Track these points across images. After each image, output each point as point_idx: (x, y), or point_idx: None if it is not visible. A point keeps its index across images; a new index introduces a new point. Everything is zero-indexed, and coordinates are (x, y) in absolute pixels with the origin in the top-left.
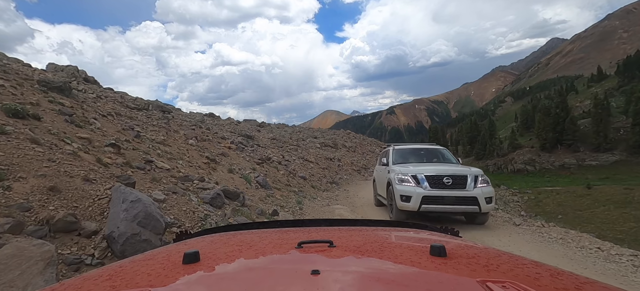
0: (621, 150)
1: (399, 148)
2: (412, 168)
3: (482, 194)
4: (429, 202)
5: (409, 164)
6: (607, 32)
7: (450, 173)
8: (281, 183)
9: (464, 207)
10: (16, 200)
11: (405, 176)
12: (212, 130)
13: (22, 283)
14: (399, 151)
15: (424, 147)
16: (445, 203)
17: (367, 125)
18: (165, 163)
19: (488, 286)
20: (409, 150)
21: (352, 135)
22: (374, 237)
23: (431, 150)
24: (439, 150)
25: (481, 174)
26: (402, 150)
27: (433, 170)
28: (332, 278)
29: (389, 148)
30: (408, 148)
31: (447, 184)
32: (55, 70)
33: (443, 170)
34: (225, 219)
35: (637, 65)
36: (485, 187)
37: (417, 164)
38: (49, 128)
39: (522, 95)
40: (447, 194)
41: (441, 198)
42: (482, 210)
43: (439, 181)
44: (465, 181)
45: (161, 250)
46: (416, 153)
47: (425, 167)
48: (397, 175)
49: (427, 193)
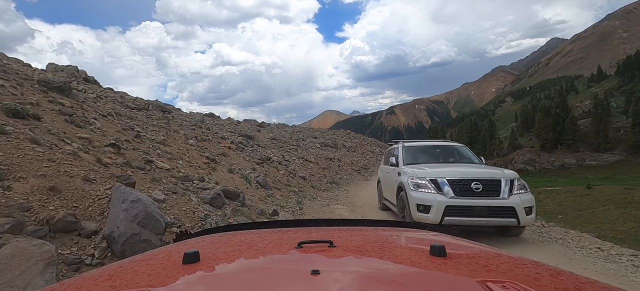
0: (621, 150)
1: (409, 146)
2: (429, 170)
3: (520, 203)
4: (454, 214)
5: (424, 165)
6: (607, 32)
7: (479, 177)
8: (281, 183)
9: (499, 219)
10: (16, 200)
11: (422, 180)
12: (212, 130)
13: (22, 283)
14: (409, 149)
15: (439, 144)
16: (475, 214)
17: (367, 125)
18: (165, 163)
19: (488, 286)
20: (421, 147)
21: (352, 135)
22: (374, 237)
23: (448, 147)
24: (457, 148)
25: (517, 177)
26: (414, 148)
27: (457, 173)
28: (332, 278)
29: (396, 145)
30: (420, 145)
31: (477, 191)
32: (55, 70)
33: (470, 172)
34: (225, 219)
35: (637, 65)
36: (523, 194)
37: (434, 165)
38: (49, 128)
39: (522, 95)
40: (476, 203)
41: (469, 209)
42: (521, 222)
43: (466, 187)
44: (499, 186)
45: (161, 250)
46: (430, 151)
47: (446, 168)
48: (410, 178)
49: (451, 203)
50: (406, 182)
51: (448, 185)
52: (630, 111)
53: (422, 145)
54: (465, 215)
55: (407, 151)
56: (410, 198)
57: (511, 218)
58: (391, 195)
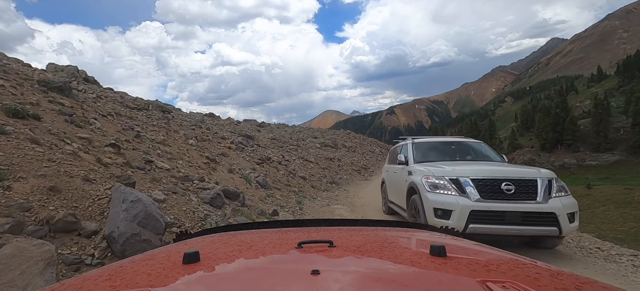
0: (621, 150)
1: (420, 143)
2: (448, 168)
3: (562, 208)
4: (480, 220)
5: (440, 163)
6: (607, 32)
7: (511, 176)
8: (281, 183)
9: (536, 228)
10: (16, 200)
11: (440, 180)
12: (212, 130)
13: (22, 283)
14: (420, 146)
15: (454, 140)
16: (507, 222)
17: (367, 125)
18: (165, 163)
19: (488, 286)
20: (433, 144)
21: (352, 135)
22: (374, 237)
23: (464, 144)
24: (474, 145)
25: (555, 178)
26: (425, 145)
27: (484, 171)
28: (332, 278)
29: (404, 142)
30: (433, 142)
31: (508, 192)
32: (55, 70)
33: (498, 171)
34: (225, 219)
35: (637, 65)
36: (565, 197)
37: (452, 163)
38: (49, 128)
39: (522, 95)
40: (509, 208)
41: (500, 215)
42: (564, 232)
43: (495, 188)
44: (535, 188)
45: (161, 250)
46: (444, 148)
47: (468, 166)
48: (425, 178)
49: (477, 207)
50: (420, 182)
51: (472, 185)
52: (630, 111)
53: (434, 142)
54: (495, 223)
55: (417, 148)
56: (425, 201)
57: (551, 227)
58: (399, 198)
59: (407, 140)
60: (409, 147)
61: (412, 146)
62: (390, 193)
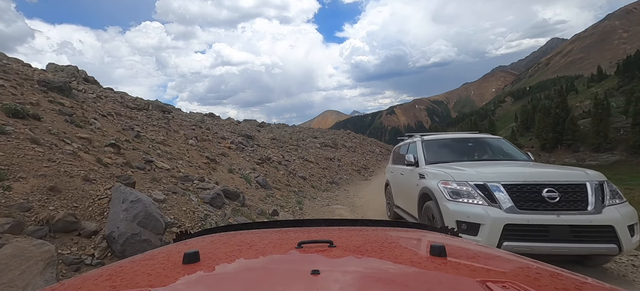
0: (621, 150)
1: (431, 140)
2: (470, 170)
3: (621, 220)
4: (517, 236)
5: (458, 164)
6: (607, 32)
7: (553, 180)
8: (281, 183)
9: (590, 245)
10: (16, 200)
11: (463, 185)
12: (212, 130)
13: (22, 283)
14: (432, 144)
15: (471, 137)
16: (552, 238)
17: (367, 125)
18: (165, 163)
19: (488, 286)
20: (447, 142)
21: (352, 135)
22: (374, 237)
23: (483, 141)
24: (491, 142)
25: (606, 180)
26: (437, 143)
27: (519, 174)
28: (332, 278)
29: (412, 140)
30: (446, 139)
31: (551, 201)
32: (55, 70)
33: (537, 173)
34: (225, 219)
35: (637, 65)
36: (621, 206)
37: (472, 164)
38: (49, 128)
39: (522, 95)
40: (554, 221)
41: (543, 230)
42: (624, 248)
43: (534, 195)
44: (584, 194)
45: (161, 250)
46: (460, 146)
47: (495, 167)
48: (444, 183)
49: (513, 219)
50: (436, 188)
51: (504, 192)
52: (630, 111)
53: (447, 139)
54: (536, 239)
55: (428, 146)
56: (445, 211)
57: (609, 244)
58: (408, 203)
59: (415, 137)
60: (418, 145)
61: (422, 144)
62: (397, 197)
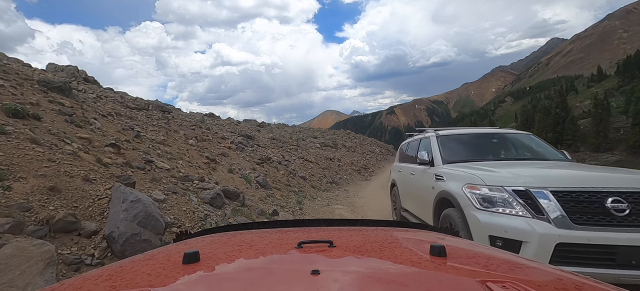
0: (621, 150)
1: (448, 136)
2: (504, 171)
3: None
4: (574, 259)
5: (484, 164)
6: (607, 32)
7: (622, 187)
8: (281, 183)
9: None
10: (16, 200)
11: (497, 191)
12: (212, 130)
13: (22, 283)
14: (449, 140)
15: (495, 132)
16: (622, 263)
17: (367, 125)
18: (165, 163)
19: (488, 286)
20: (467, 138)
21: (352, 135)
22: (374, 237)
23: (510, 138)
24: (521, 139)
25: None
26: (455, 139)
27: (573, 177)
28: (332, 278)
29: (424, 136)
30: (465, 134)
31: (619, 213)
32: (55, 70)
33: (598, 178)
34: (225, 219)
35: (637, 65)
36: None
37: (503, 164)
38: (49, 128)
39: (522, 95)
40: (623, 240)
41: (609, 253)
42: None
43: (596, 205)
44: None
45: (161, 250)
46: (483, 144)
47: (536, 169)
48: (471, 187)
49: (567, 237)
50: (461, 193)
51: (554, 200)
52: (630, 111)
53: (468, 134)
54: (601, 264)
55: (445, 143)
56: (474, 222)
57: None
58: (420, 208)
59: (428, 132)
60: (433, 141)
61: (438, 140)
62: (405, 199)
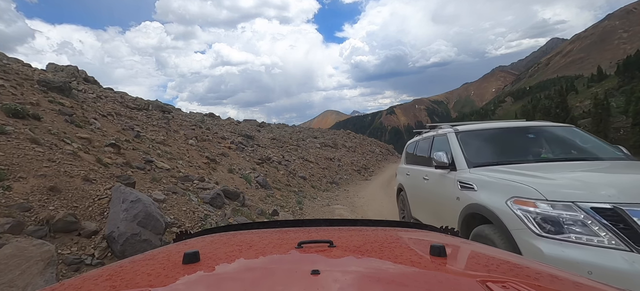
0: None
1: (470, 132)
2: (568, 179)
3: None
4: None
5: (523, 167)
6: (607, 32)
7: None
8: (281, 183)
9: None
10: (16, 200)
11: (565, 210)
12: (212, 130)
13: (22, 283)
14: (472, 137)
15: (530, 126)
16: None
17: (367, 125)
18: (165, 163)
19: (488, 286)
20: (495, 133)
21: (352, 135)
22: (374, 237)
23: (549, 131)
24: (560, 134)
25: None
26: (481, 136)
27: None
28: (332, 278)
29: (439, 132)
30: (492, 129)
31: None
32: (55, 70)
33: None
34: (225, 219)
35: (637, 65)
36: None
37: (553, 167)
38: (49, 128)
39: (522, 95)
40: None
41: None
42: None
43: None
44: None
45: (161, 250)
46: (517, 140)
47: (613, 174)
48: (522, 203)
49: None
50: (506, 209)
51: None
52: (630, 111)
53: (495, 129)
54: None
55: (468, 141)
56: (534, 253)
57: None
58: (440, 221)
59: (444, 128)
60: (452, 139)
61: (458, 138)
62: (417, 208)
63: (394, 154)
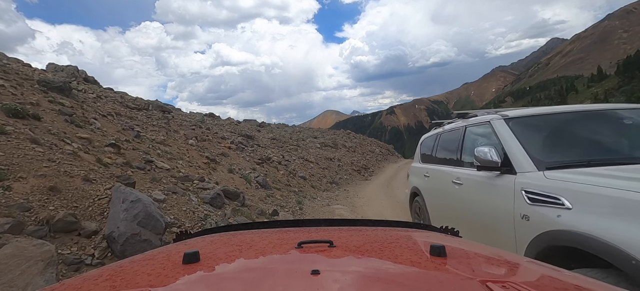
0: None
1: (529, 119)
2: None
3: None
4: None
5: (628, 169)
6: (607, 32)
7: None
8: (281, 183)
9: None
10: (16, 200)
11: None
12: (212, 130)
13: (22, 283)
14: (534, 127)
15: (622, 108)
16: None
17: (367, 125)
18: (165, 163)
19: (488, 286)
20: (570, 118)
21: (352, 135)
22: (374, 237)
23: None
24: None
25: None
26: (549, 125)
27: None
28: (332, 278)
29: (475, 122)
30: (566, 114)
31: None
32: (55, 70)
33: None
34: (225, 219)
35: (637, 65)
36: None
37: None
38: (49, 128)
39: (522, 95)
40: None
41: None
42: None
43: None
44: None
45: (161, 250)
46: (606, 129)
47: None
48: None
49: None
50: None
51: None
52: None
53: (571, 114)
54: None
55: (527, 132)
56: None
57: None
58: (486, 243)
59: (484, 115)
60: (501, 129)
61: (510, 127)
62: (444, 221)
63: (394, 154)
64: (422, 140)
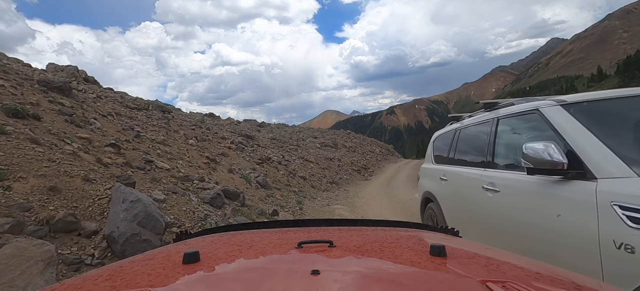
0: None
1: (603, 103)
2: None
3: None
4: None
5: None
6: (607, 32)
7: None
8: (281, 183)
9: None
10: (16, 200)
11: None
12: (212, 130)
13: (22, 283)
14: (614, 115)
15: None
16: None
17: (367, 125)
18: (165, 163)
19: (488, 286)
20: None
21: (352, 135)
22: (374, 237)
23: None
24: None
25: None
26: (629, 106)
27: None
28: (332, 278)
29: (513, 111)
30: None
31: None
32: (55, 70)
33: None
34: (225, 219)
35: (637, 65)
36: None
37: None
38: (49, 128)
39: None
40: None
41: None
42: None
43: None
44: None
45: (161, 250)
46: None
47: None
48: None
49: None
50: None
51: None
52: None
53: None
54: None
55: (600, 121)
56: None
57: None
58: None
59: (519, 103)
60: (558, 117)
61: (573, 114)
62: (466, 233)
63: (394, 154)
64: (435, 137)
